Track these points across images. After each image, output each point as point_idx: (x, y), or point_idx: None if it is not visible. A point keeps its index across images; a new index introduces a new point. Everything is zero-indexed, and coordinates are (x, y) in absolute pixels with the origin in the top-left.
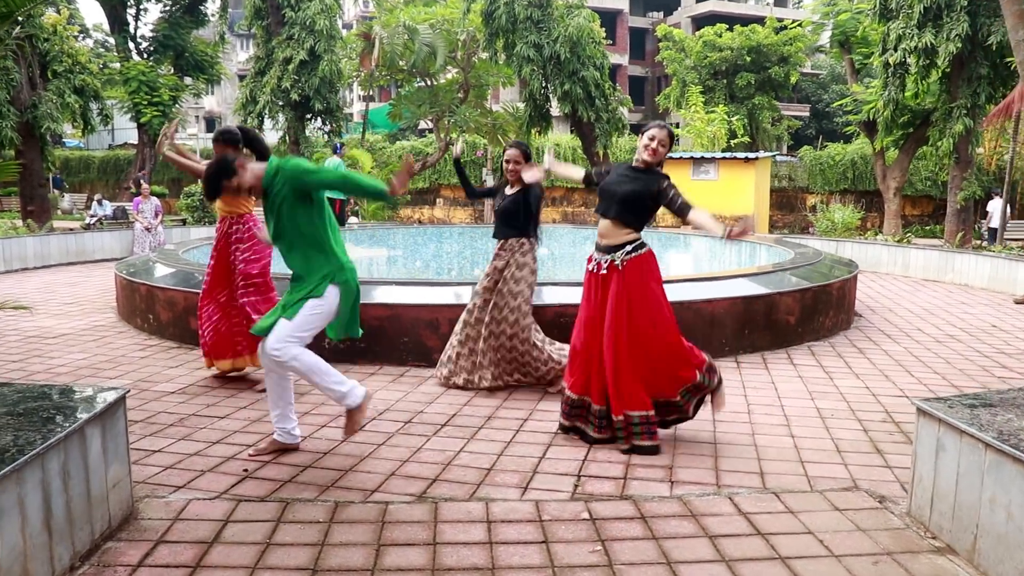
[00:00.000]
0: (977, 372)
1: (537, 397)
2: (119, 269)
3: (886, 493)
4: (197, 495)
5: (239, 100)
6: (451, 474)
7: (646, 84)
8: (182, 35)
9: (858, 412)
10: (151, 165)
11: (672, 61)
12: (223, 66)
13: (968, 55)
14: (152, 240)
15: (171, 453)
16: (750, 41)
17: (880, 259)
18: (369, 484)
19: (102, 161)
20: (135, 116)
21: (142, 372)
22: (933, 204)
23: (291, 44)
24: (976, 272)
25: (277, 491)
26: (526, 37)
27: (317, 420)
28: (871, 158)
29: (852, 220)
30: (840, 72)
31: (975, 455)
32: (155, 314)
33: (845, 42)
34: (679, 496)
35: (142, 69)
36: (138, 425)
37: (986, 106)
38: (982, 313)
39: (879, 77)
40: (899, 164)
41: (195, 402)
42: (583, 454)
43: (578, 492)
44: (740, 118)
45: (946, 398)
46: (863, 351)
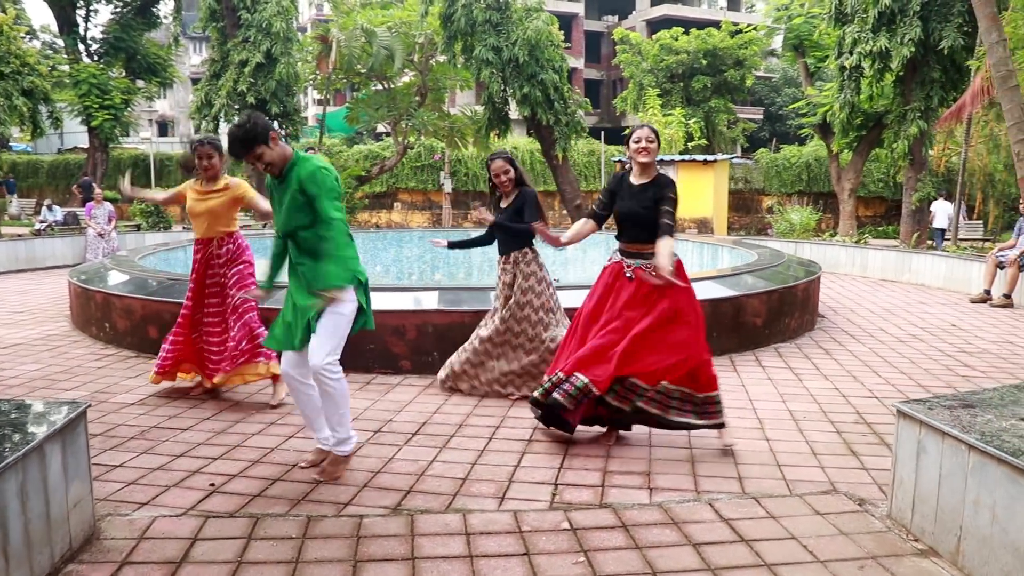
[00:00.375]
0: (942, 372)
1: (508, 404)
2: (73, 276)
3: (865, 496)
4: (163, 512)
5: (194, 103)
6: (425, 484)
7: (602, 87)
8: (134, 37)
9: (830, 414)
10: (103, 169)
11: (629, 64)
12: (176, 69)
13: (921, 59)
14: (105, 246)
15: (133, 468)
16: (706, 44)
17: (839, 260)
18: (342, 497)
19: (51, 166)
20: (86, 119)
21: (99, 383)
22: (886, 205)
23: (247, 47)
24: (932, 272)
25: (246, 506)
26: (485, 40)
27: (283, 431)
28: (826, 160)
29: (810, 222)
30: (792, 75)
31: (958, 457)
32: (111, 322)
33: (799, 46)
34: (659, 503)
35: (93, 71)
36: (97, 439)
37: (939, 109)
38: (941, 312)
39: (835, 80)
40: (853, 166)
41: (156, 413)
42: (559, 461)
43: (556, 501)
44: (697, 121)
45: (925, 400)
46: (829, 352)
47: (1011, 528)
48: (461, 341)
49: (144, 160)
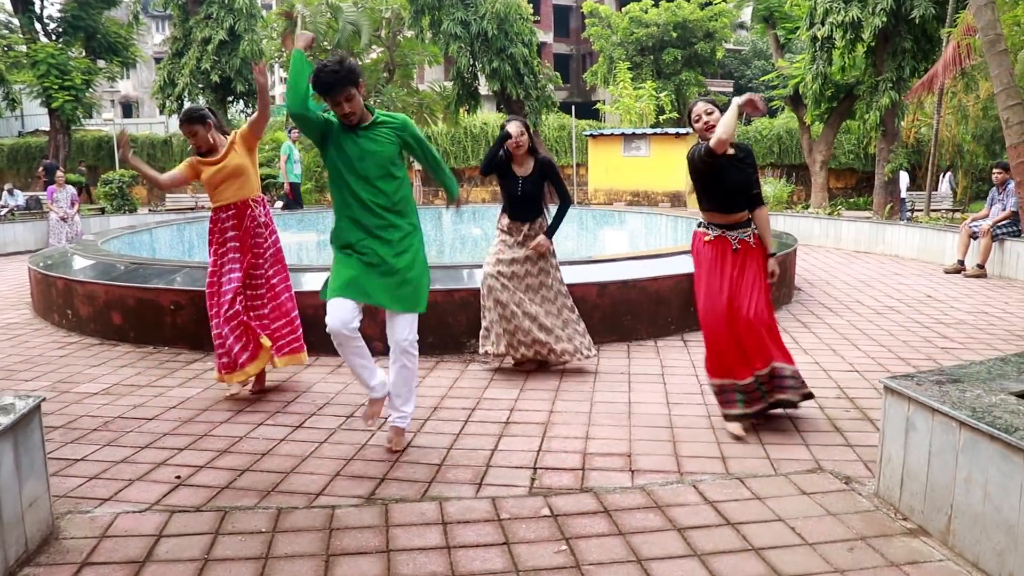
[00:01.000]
0: (920, 343)
1: (484, 384)
2: (33, 262)
3: (851, 474)
4: (125, 508)
5: (156, 83)
6: (400, 471)
7: (571, 62)
8: (93, 16)
9: (811, 389)
10: (65, 152)
11: (599, 38)
12: (138, 48)
13: (893, 29)
14: (69, 230)
15: (95, 461)
16: (676, 17)
17: (812, 232)
18: (313, 487)
19: (11, 149)
20: (45, 101)
21: (61, 372)
22: (857, 177)
23: (210, 24)
24: (906, 243)
25: (214, 499)
26: (452, 14)
27: (252, 418)
28: (797, 132)
29: (783, 194)
30: (762, 47)
31: (949, 434)
32: (74, 309)
33: (769, 17)
34: (642, 486)
35: (51, 52)
36: (58, 431)
37: (911, 79)
38: (916, 284)
39: (807, 51)
40: (825, 138)
41: (121, 403)
42: (537, 444)
43: (536, 486)
44: (668, 94)
45: (912, 375)
46: (807, 325)
47: (1004, 506)
48: (435, 321)
49: (108, 142)
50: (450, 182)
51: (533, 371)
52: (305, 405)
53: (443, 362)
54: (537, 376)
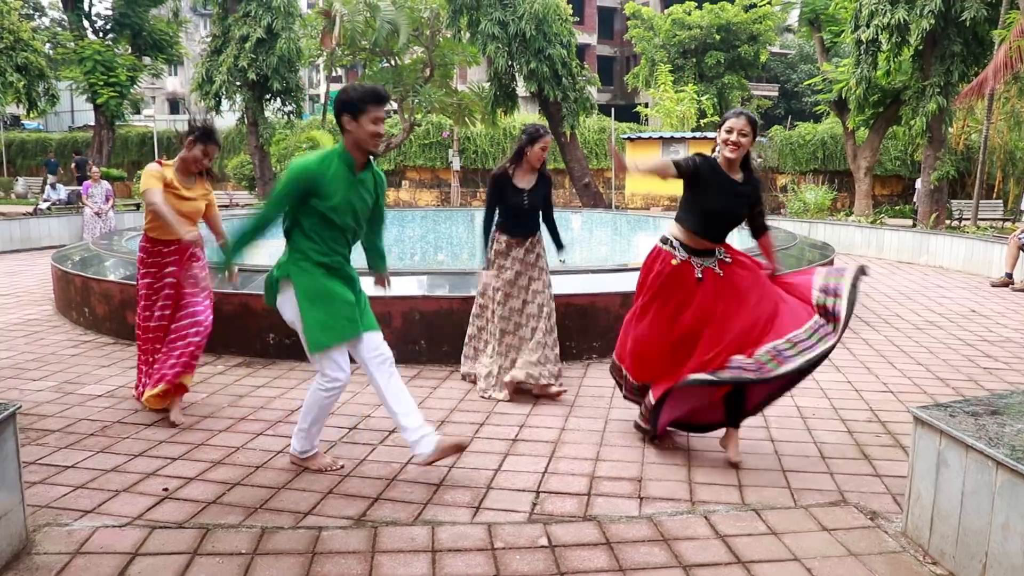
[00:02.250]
0: (962, 363)
1: (494, 401)
2: (55, 259)
3: (877, 508)
4: (106, 521)
5: (195, 80)
6: (395, 491)
7: (615, 64)
8: (139, 13)
9: (841, 411)
10: (108, 147)
11: (641, 40)
12: (183, 45)
13: (941, 32)
14: (103, 226)
15: (86, 469)
16: (719, 19)
17: (854, 241)
18: (302, 505)
19: (59, 143)
20: (91, 97)
21: (70, 372)
22: (903, 184)
23: (248, 22)
24: (951, 254)
25: (198, 515)
26: (490, 14)
27: (252, 427)
28: (841, 138)
29: (824, 201)
30: (808, 51)
31: (984, 474)
32: (91, 307)
33: (815, 20)
34: (649, 516)
35: (97, 48)
36: (54, 435)
37: (959, 84)
38: (960, 297)
39: (851, 55)
40: (870, 144)
41: (122, 407)
42: (544, 465)
43: (536, 512)
44: (710, 97)
45: (946, 404)
46: (842, 341)
47: None
48: (450, 329)
49: (151, 138)
50: (382, 254)
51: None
52: None
53: (457, 372)
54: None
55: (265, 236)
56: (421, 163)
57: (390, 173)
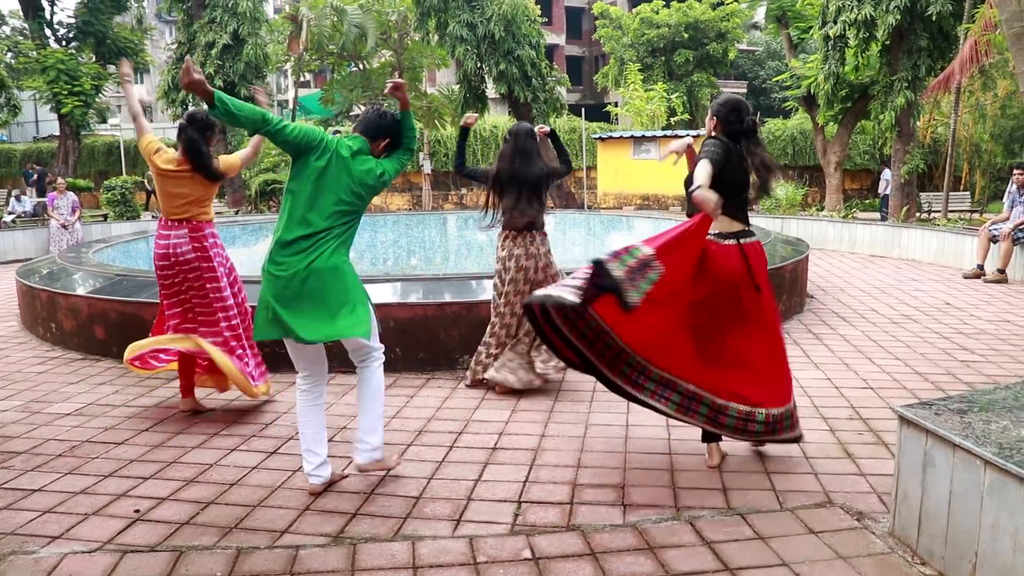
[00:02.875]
0: (939, 356)
1: (474, 405)
2: (20, 273)
3: (863, 508)
4: (75, 547)
5: (160, 87)
6: (373, 505)
7: (584, 64)
8: (103, 21)
9: (822, 409)
10: (75, 158)
11: (609, 39)
12: (148, 53)
13: (908, 27)
14: (69, 238)
15: (53, 492)
16: (687, 17)
17: (826, 236)
18: (279, 523)
19: (24, 155)
20: (55, 107)
21: (37, 390)
22: (872, 177)
23: (213, 28)
24: (923, 247)
25: (171, 537)
26: (458, 16)
27: (225, 443)
28: (810, 133)
29: (795, 196)
30: (776, 48)
31: (972, 473)
32: (57, 323)
33: (782, 17)
34: (634, 523)
35: (61, 57)
36: (20, 458)
37: (926, 78)
38: (933, 290)
39: (819, 50)
40: (839, 138)
41: (92, 425)
42: (524, 473)
43: (519, 523)
44: (679, 96)
45: (930, 402)
46: (819, 337)
47: None
48: (425, 336)
49: (118, 147)
50: None
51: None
52: (284, 428)
53: (434, 379)
54: (531, 396)
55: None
56: None
57: None
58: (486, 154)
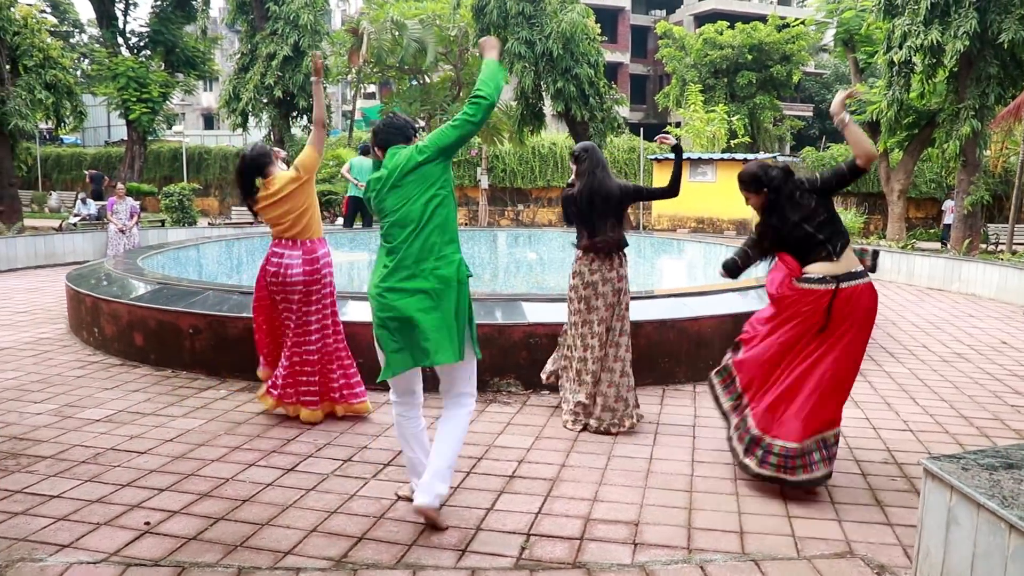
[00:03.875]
0: (988, 400)
1: (498, 430)
2: (70, 277)
3: (886, 561)
4: (81, 557)
5: (222, 97)
6: (381, 530)
7: (648, 83)
8: (173, 30)
9: (856, 451)
10: (140, 163)
11: (672, 59)
12: (215, 62)
13: (977, 53)
14: (127, 243)
15: (71, 499)
16: (751, 39)
17: (883, 266)
18: (284, 544)
19: (93, 158)
20: (123, 113)
21: (72, 395)
22: (938, 207)
23: (275, 39)
24: (984, 281)
25: (176, 551)
26: (518, 33)
27: (246, 457)
28: (875, 160)
29: (854, 224)
30: (844, 72)
31: (997, 536)
32: (100, 328)
33: (849, 40)
34: (642, 564)
35: (131, 65)
36: (45, 462)
37: (995, 107)
38: (991, 327)
39: (883, 76)
40: (903, 166)
41: (119, 432)
42: (538, 505)
43: (524, 557)
44: (741, 118)
45: (959, 456)
46: (864, 373)
47: None
48: None
49: (183, 154)
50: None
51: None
52: (305, 445)
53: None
54: (556, 423)
55: None
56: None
57: None
58: (543, 171)
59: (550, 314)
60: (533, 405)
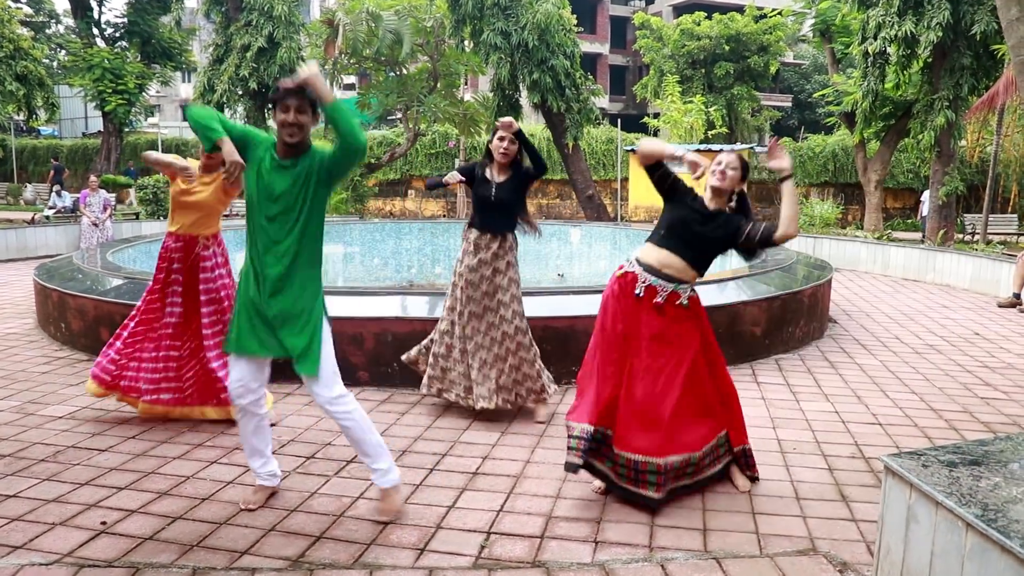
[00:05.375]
0: (958, 391)
1: (464, 425)
2: (37, 271)
3: (848, 558)
4: (34, 558)
5: (197, 88)
6: (340, 529)
7: (627, 73)
8: (149, 21)
9: (824, 445)
10: (116, 154)
11: (649, 50)
12: (192, 53)
13: (951, 44)
14: (100, 236)
15: (27, 499)
16: (729, 30)
17: (859, 257)
18: (241, 543)
19: (70, 150)
20: (99, 104)
21: (36, 391)
22: (915, 197)
23: (249, 31)
24: (958, 272)
25: (131, 552)
26: (493, 24)
27: (208, 454)
28: (852, 150)
29: (831, 215)
30: (823, 62)
31: (954, 534)
32: (67, 323)
33: (826, 31)
34: (602, 563)
35: (107, 56)
36: (4, 461)
37: (969, 98)
38: (964, 318)
39: (859, 67)
40: (880, 157)
41: (80, 430)
42: (500, 502)
43: (483, 556)
44: (719, 108)
45: (919, 452)
46: (835, 365)
47: None
48: None
49: (159, 145)
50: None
51: (519, 414)
52: None
53: (429, 397)
54: (524, 418)
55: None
56: (427, 172)
57: (396, 183)
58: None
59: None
60: None
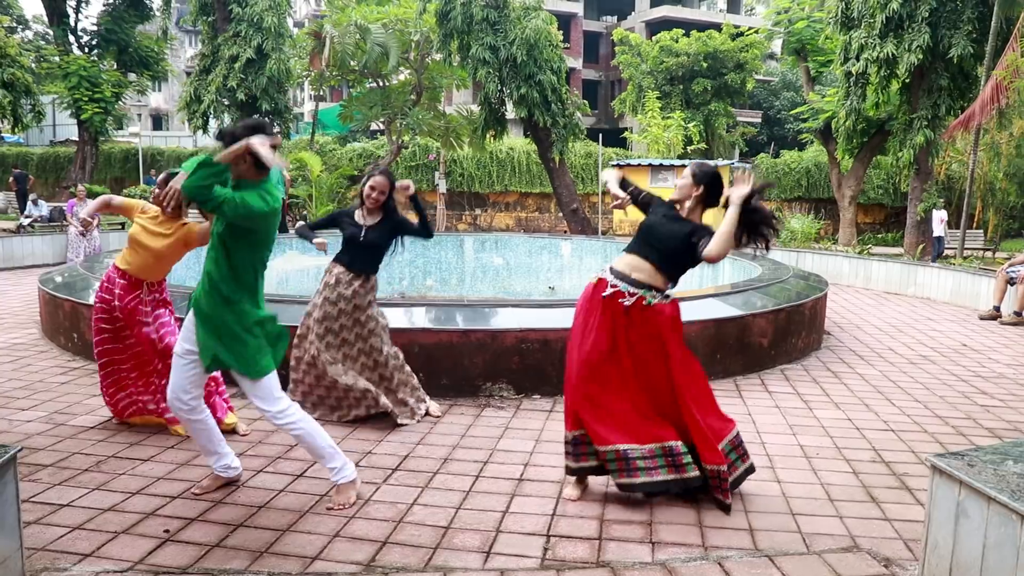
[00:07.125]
0: (958, 399)
1: (498, 434)
2: (43, 281)
3: (890, 554)
4: (106, 566)
5: (183, 98)
6: (403, 534)
7: (600, 88)
8: (126, 29)
9: (844, 450)
10: (92, 163)
11: (628, 66)
12: (169, 62)
13: (929, 66)
14: (87, 246)
15: (82, 508)
16: (707, 47)
17: (841, 271)
18: (309, 549)
19: (40, 158)
20: (75, 112)
21: (60, 401)
22: (885, 212)
23: (238, 41)
24: (938, 286)
25: (202, 559)
26: (482, 39)
27: (253, 463)
28: (826, 166)
29: (811, 230)
30: (791, 79)
31: (1008, 528)
32: (80, 333)
33: (801, 50)
34: (663, 562)
35: (83, 64)
36: (47, 471)
37: (946, 117)
38: (949, 330)
39: (840, 86)
40: (854, 173)
41: (117, 440)
42: (551, 507)
43: (548, 557)
44: (696, 124)
45: (963, 453)
46: (838, 375)
47: None
48: (448, 363)
49: (135, 154)
50: None
51: (551, 422)
52: None
53: (457, 406)
54: (554, 426)
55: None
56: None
57: None
58: (501, 176)
59: (542, 320)
60: (526, 409)
